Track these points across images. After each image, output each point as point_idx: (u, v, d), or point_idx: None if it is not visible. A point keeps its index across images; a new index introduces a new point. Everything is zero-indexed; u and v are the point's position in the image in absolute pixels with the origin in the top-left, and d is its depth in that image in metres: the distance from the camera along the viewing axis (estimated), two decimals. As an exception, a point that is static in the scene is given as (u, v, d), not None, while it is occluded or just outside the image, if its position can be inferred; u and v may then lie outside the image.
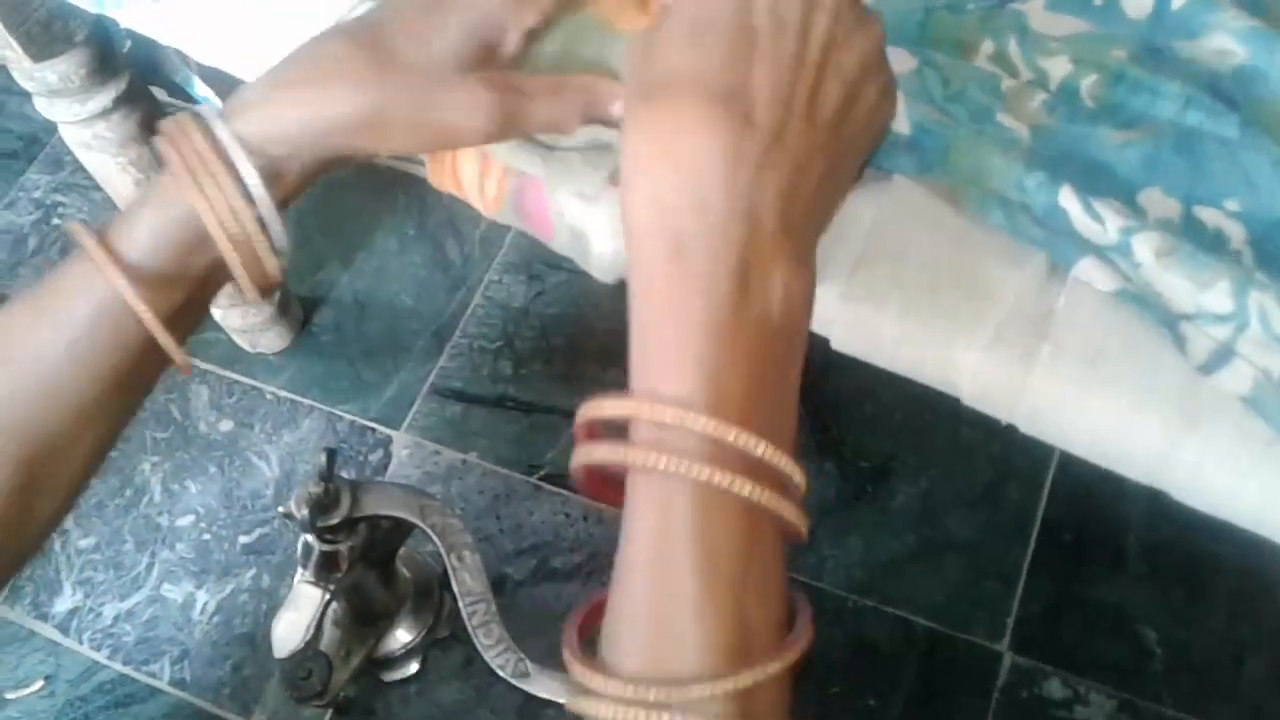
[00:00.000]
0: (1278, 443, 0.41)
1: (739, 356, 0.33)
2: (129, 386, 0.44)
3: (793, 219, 0.35)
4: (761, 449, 0.33)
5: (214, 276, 0.44)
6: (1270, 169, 0.46)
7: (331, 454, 0.80)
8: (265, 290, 0.46)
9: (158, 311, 0.42)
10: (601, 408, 0.34)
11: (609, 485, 0.35)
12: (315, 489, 0.80)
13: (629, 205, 0.35)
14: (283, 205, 0.44)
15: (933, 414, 1.09)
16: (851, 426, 1.10)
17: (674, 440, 0.33)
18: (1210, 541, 1.00)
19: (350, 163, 0.46)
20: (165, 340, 0.42)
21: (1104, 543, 1.04)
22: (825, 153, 0.36)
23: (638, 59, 0.37)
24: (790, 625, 0.34)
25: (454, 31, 0.42)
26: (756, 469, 0.33)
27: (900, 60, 0.50)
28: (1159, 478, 0.43)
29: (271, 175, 0.42)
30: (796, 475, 0.34)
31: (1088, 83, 0.50)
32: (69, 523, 1.12)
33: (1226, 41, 0.49)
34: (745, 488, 0.32)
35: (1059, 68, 0.51)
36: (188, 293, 0.43)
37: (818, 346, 0.47)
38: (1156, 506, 1.09)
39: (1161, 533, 1.03)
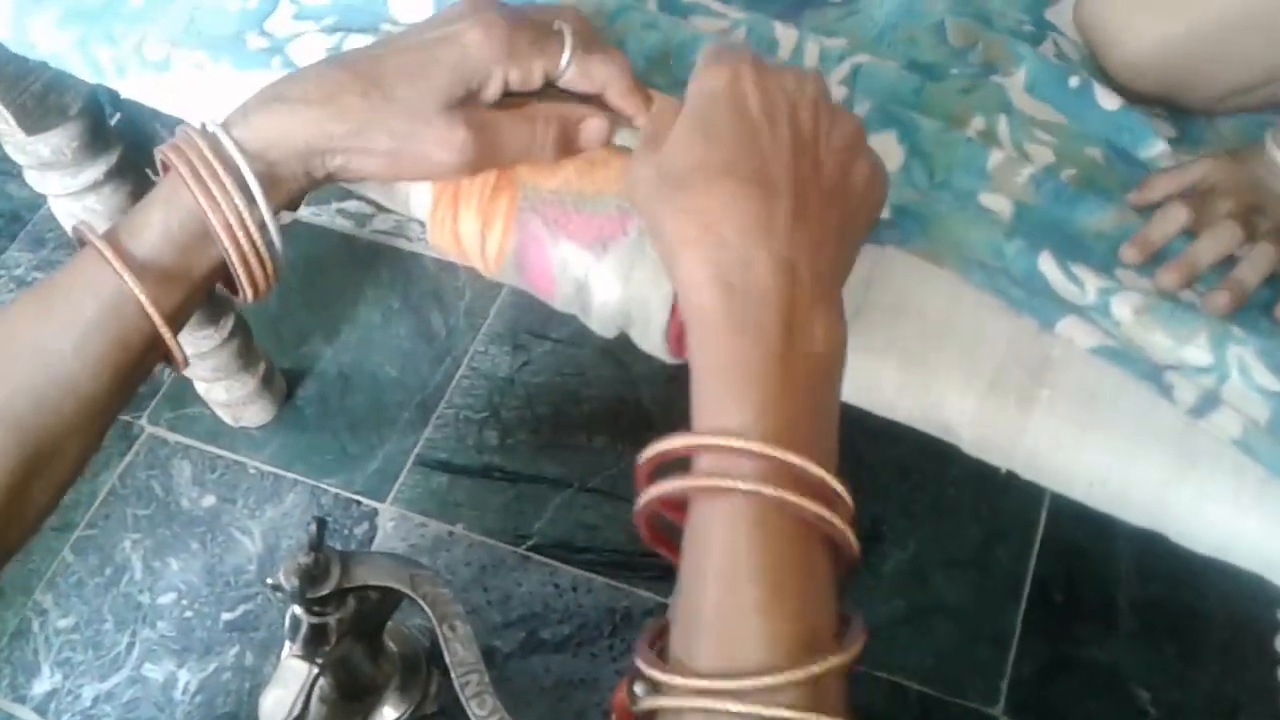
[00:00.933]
0: (1273, 480, 0.42)
1: (789, 390, 0.38)
2: (128, 381, 0.47)
3: (821, 269, 0.40)
4: (812, 468, 0.37)
5: (213, 275, 0.48)
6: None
7: (321, 523, 0.79)
8: (260, 292, 0.49)
9: (161, 309, 0.45)
10: (669, 445, 0.38)
11: (666, 535, 0.40)
12: (305, 559, 0.79)
13: (683, 276, 0.40)
14: (278, 211, 0.48)
15: (920, 476, 1.09)
16: (839, 491, 1.11)
17: (733, 467, 0.37)
18: (1198, 597, 1.01)
19: (336, 181, 0.50)
20: (169, 336, 0.46)
21: (1095, 601, 1.04)
22: (838, 212, 0.42)
23: (654, 162, 0.43)
24: (844, 631, 0.38)
25: (443, 76, 0.47)
26: (808, 487, 0.37)
27: (889, 150, 0.51)
28: (1158, 519, 0.44)
29: (269, 181, 0.46)
30: (844, 493, 0.39)
31: (1068, 174, 0.52)
32: (48, 602, 1.10)
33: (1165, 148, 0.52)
34: (801, 502, 0.37)
35: (1043, 155, 0.53)
36: (189, 291, 0.47)
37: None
38: (1145, 563, 1.10)
39: (1151, 590, 1.03)
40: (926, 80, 0.55)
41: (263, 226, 0.47)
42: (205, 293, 0.48)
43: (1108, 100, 0.54)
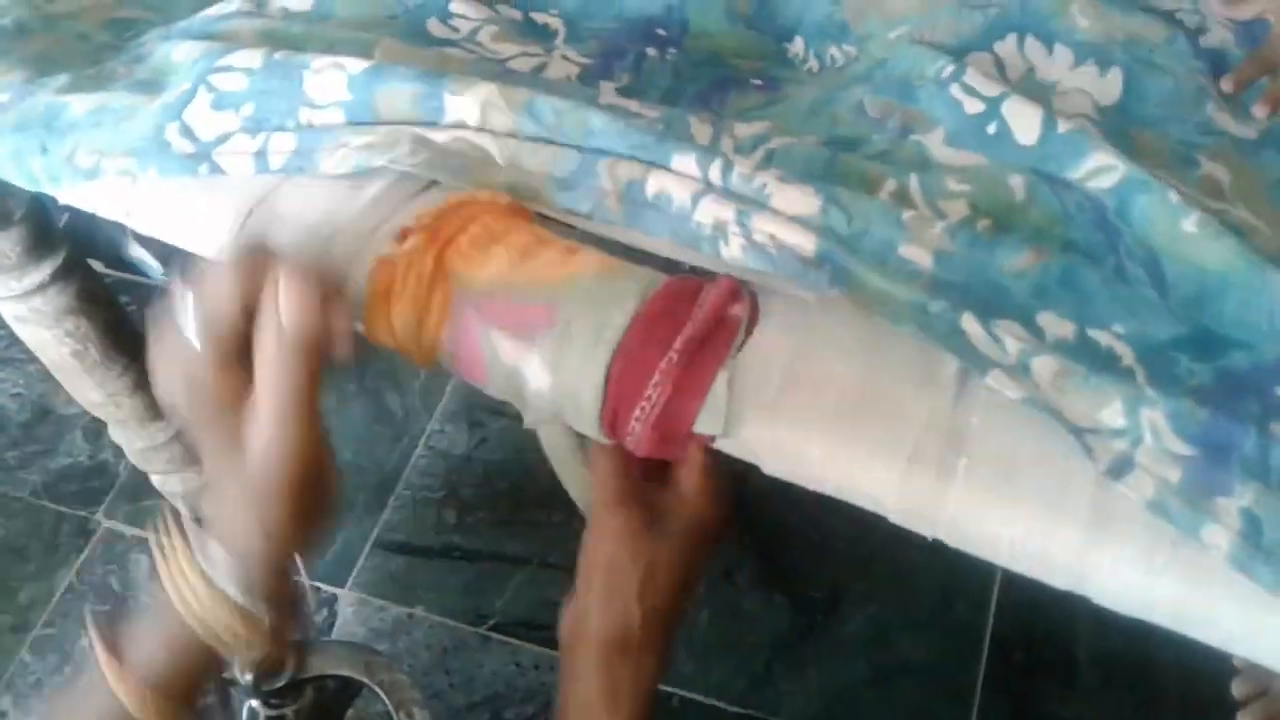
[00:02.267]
0: (1185, 542, 0.43)
1: None
2: None
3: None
4: None
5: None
6: (1145, 305, 0.50)
7: (275, 615, 0.79)
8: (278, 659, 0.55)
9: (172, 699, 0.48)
10: None
11: None
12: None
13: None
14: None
15: (875, 538, 1.10)
16: (798, 556, 1.11)
17: None
18: (1155, 649, 1.02)
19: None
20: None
21: (1054, 657, 1.05)
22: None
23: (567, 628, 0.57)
24: None
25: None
26: None
27: (807, 201, 0.53)
28: (1078, 582, 0.45)
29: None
30: None
31: (982, 224, 0.53)
32: (6, 704, 1.08)
33: (1108, 159, 0.53)
34: None
35: (957, 210, 0.54)
36: (197, 681, 0.49)
37: (761, 475, 0.49)
38: (1102, 616, 1.10)
39: (1108, 643, 1.04)
40: (840, 152, 0.57)
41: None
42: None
43: (1026, 136, 0.56)
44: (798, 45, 0.68)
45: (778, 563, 1.11)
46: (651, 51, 0.67)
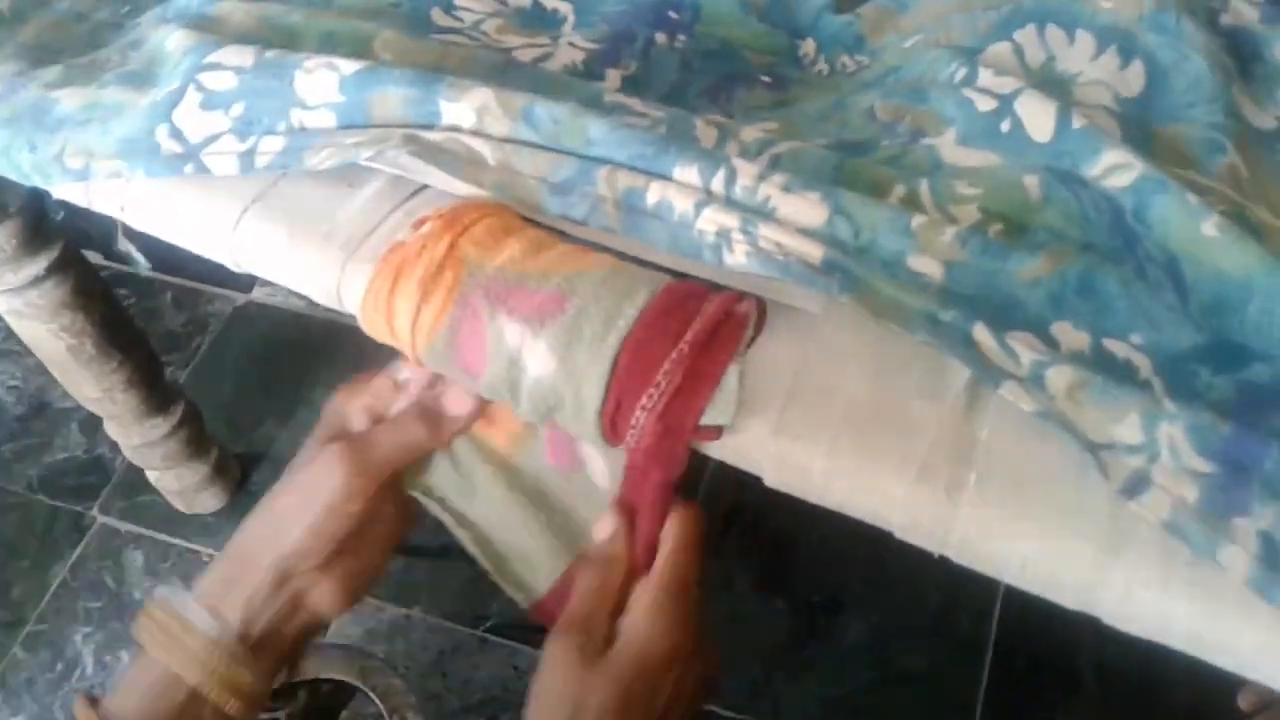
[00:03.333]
0: (1201, 564, 0.42)
1: None
2: None
3: None
4: None
5: None
6: (1166, 312, 0.48)
7: (269, 617, 0.78)
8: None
9: None
10: None
11: None
12: (252, 654, 0.78)
13: None
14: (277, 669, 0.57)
15: (876, 544, 1.08)
16: (799, 562, 1.10)
17: None
18: (1160, 659, 1.00)
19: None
20: None
21: (1057, 667, 1.03)
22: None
23: None
24: None
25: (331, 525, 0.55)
26: None
27: (812, 210, 0.51)
28: (1090, 603, 0.44)
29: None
30: None
31: (994, 230, 0.52)
32: (-5, 702, 1.07)
33: (1124, 156, 0.52)
34: None
35: (967, 215, 0.53)
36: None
37: (757, 483, 0.48)
38: (1106, 627, 1.09)
39: (1111, 652, 1.03)
40: (847, 157, 0.55)
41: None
42: None
43: (1040, 133, 0.54)
44: (809, 46, 0.67)
45: (778, 569, 1.10)
46: (661, 38, 0.66)
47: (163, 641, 0.52)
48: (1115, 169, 0.52)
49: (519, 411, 0.51)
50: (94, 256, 1.12)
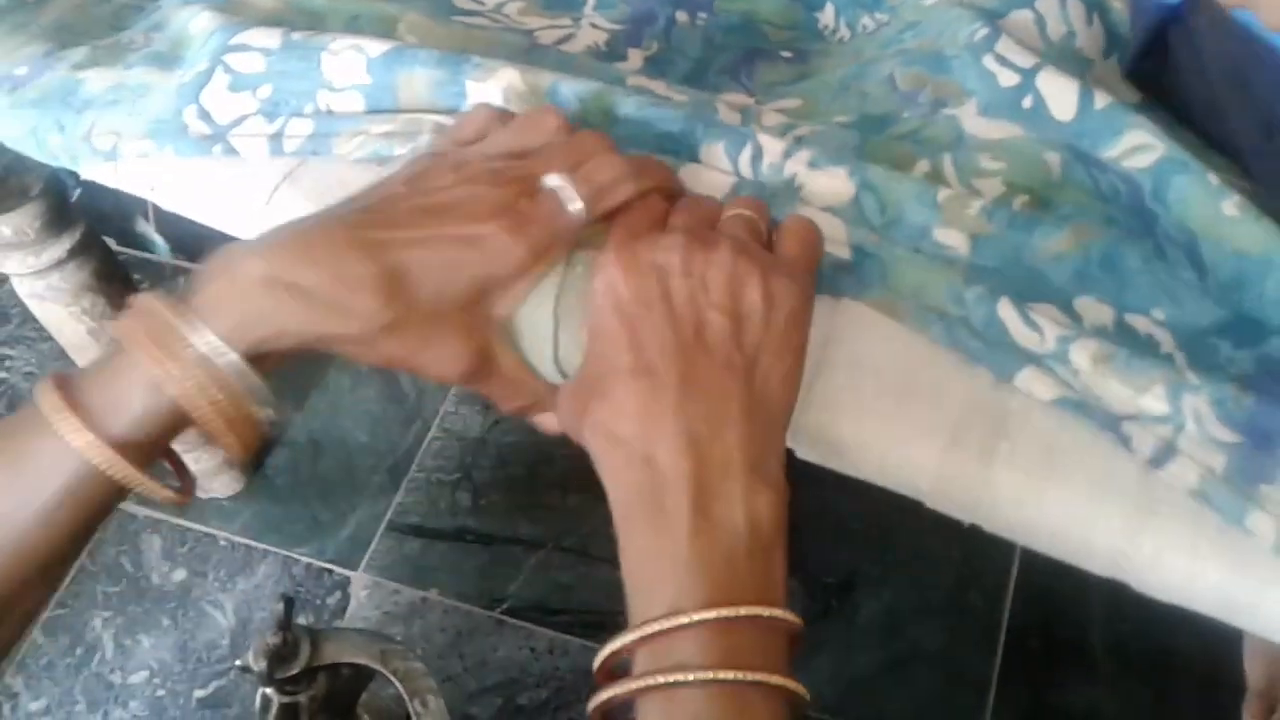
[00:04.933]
0: (1229, 529, 0.43)
1: (710, 572, 0.38)
2: (90, 534, 0.44)
3: (731, 442, 0.40)
4: (744, 611, 0.38)
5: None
6: (1185, 288, 0.49)
7: (289, 602, 0.79)
8: (250, 446, 0.45)
9: (134, 476, 0.42)
10: (613, 646, 0.39)
11: None
12: (273, 639, 0.79)
13: (606, 486, 0.41)
14: (267, 371, 0.44)
15: (891, 523, 1.09)
16: (814, 541, 1.11)
17: (670, 653, 0.38)
18: (1170, 636, 1.01)
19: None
20: (155, 489, 0.43)
21: (1070, 645, 1.04)
22: (738, 375, 0.42)
23: (568, 389, 0.45)
24: None
25: (466, 286, 0.45)
26: (750, 634, 0.38)
27: (839, 187, 0.52)
28: (1120, 568, 0.44)
29: (253, 360, 0.42)
30: (789, 617, 0.39)
31: (1019, 201, 0.52)
32: (19, 685, 1.08)
33: (1145, 137, 0.52)
34: (739, 675, 0.37)
35: (992, 189, 0.53)
36: (164, 443, 0.44)
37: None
38: (1117, 604, 1.11)
39: (1124, 630, 1.04)
40: (870, 135, 0.56)
41: (244, 396, 0.43)
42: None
43: (1063, 111, 0.55)
44: (828, 14, 0.67)
45: (792, 547, 1.10)
46: (682, 16, 0.66)
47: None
48: (1137, 150, 0.52)
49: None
50: (109, 242, 1.12)
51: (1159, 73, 0.58)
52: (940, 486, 0.46)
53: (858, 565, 1.09)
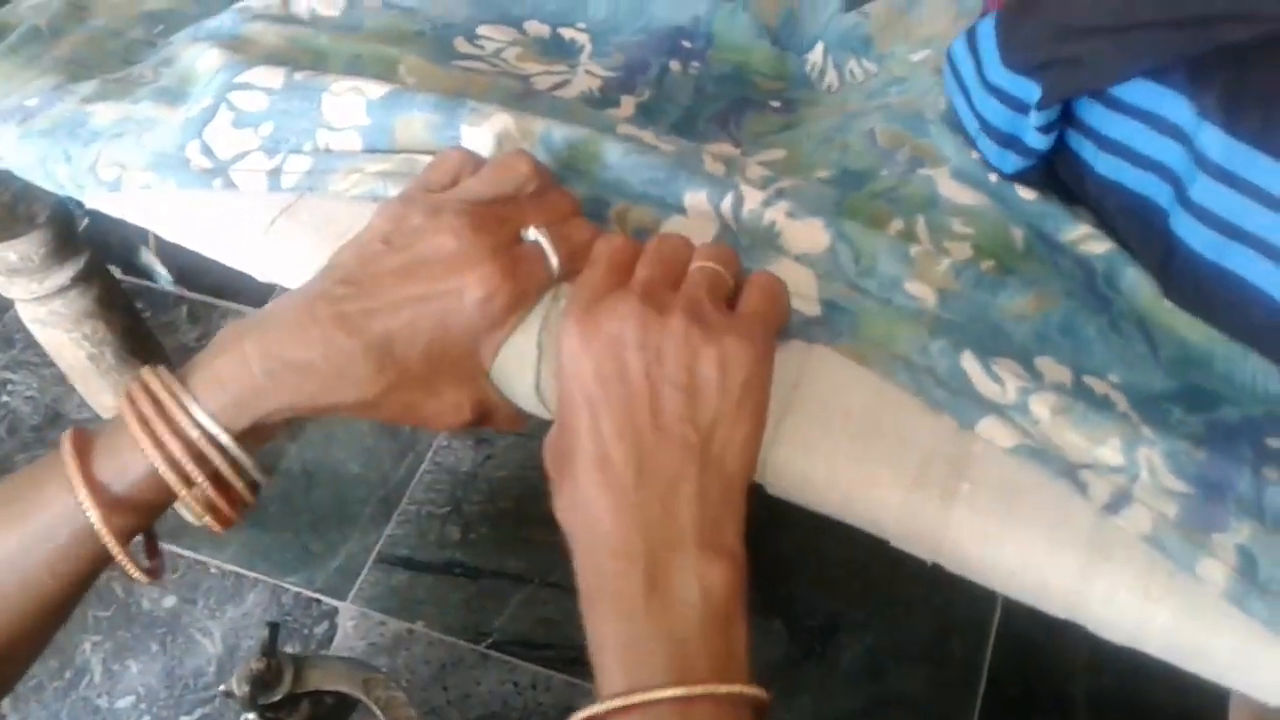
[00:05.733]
0: (1181, 574, 0.44)
1: (664, 650, 0.40)
2: (91, 582, 0.48)
3: (685, 519, 0.42)
4: (699, 690, 0.39)
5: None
6: (1139, 359, 0.51)
7: (274, 628, 0.80)
8: (227, 522, 0.48)
9: (130, 531, 0.46)
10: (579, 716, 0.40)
11: None
12: (257, 665, 0.79)
13: (573, 556, 0.44)
14: (268, 439, 0.48)
15: (875, 569, 1.10)
16: (797, 583, 1.12)
17: None
18: (1151, 689, 1.02)
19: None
20: (133, 570, 0.47)
21: (1050, 695, 1.05)
22: (694, 453, 0.43)
23: (552, 440, 0.46)
24: None
25: (455, 337, 0.47)
26: (707, 708, 0.39)
27: (816, 236, 0.54)
28: (1075, 610, 0.45)
29: (246, 434, 0.46)
30: (748, 691, 0.41)
31: (985, 265, 0.54)
32: (5, 707, 1.08)
33: (1095, 229, 0.55)
34: None
35: (961, 251, 0.55)
36: (158, 510, 0.47)
37: (761, 502, 0.49)
38: (1098, 655, 1.11)
39: (1104, 681, 1.04)
40: (848, 192, 0.58)
41: (232, 463, 0.46)
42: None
43: (1026, 193, 0.57)
44: (817, 54, 0.69)
45: (775, 590, 1.11)
46: (675, 65, 0.69)
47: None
48: (1090, 237, 0.55)
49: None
50: (114, 271, 1.14)
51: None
52: (903, 525, 0.47)
53: (841, 609, 1.10)
